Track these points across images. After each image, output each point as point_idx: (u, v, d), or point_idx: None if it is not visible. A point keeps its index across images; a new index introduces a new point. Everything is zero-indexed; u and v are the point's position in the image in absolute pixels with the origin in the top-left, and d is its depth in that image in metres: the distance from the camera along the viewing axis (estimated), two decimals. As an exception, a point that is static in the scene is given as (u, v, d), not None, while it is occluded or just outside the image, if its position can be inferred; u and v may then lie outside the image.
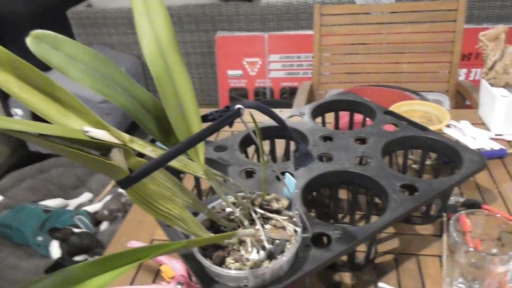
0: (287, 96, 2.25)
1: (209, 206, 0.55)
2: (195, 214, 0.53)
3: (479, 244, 0.59)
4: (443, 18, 1.42)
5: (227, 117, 0.40)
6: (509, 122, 0.92)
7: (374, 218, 0.64)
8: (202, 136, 0.38)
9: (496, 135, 0.93)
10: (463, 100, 1.41)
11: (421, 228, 0.70)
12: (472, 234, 0.59)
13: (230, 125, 0.43)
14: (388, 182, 0.63)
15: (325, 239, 0.55)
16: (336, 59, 1.54)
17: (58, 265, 1.19)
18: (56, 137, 0.34)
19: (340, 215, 0.74)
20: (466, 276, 0.55)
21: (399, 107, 1.09)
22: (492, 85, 0.95)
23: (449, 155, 0.71)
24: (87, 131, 0.37)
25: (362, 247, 0.63)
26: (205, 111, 0.48)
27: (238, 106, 0.41)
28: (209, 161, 0.71)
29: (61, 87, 0.37)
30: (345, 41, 1.52)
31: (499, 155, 0.86)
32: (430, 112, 1.04)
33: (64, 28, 2.38)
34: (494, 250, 0.58)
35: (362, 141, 0.76)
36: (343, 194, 0.77)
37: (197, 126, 0.42)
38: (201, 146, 0.42)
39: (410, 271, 0.62)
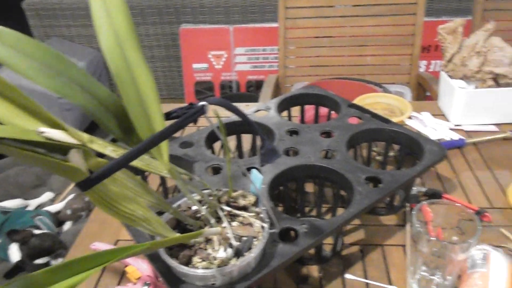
0: (254, 89, 2.24)
1: (175, 205, 0.54)
2: (161, 213, 0.52)
3: (441, 233, 0.61)
4: (404, 12, 1.45)
5: (191, 115, 0.39)
6: (468, 113, 0.95)
7: (340, 211, 0.65)
8: (164, 135, 0.37)
9: (455, 125, 0.96)
10: (424, 92, 1.45)
11: (385, 219, 0.71)
12: (433, 223, 0.61)
13: (195, 122, 0.42)
14: (353, 175, 0.64)
15: (292, 233, 0.55)
16: (301, 52, 1.55)
17: (18, 268, 1.14)
18: (8, 139, 0.32)
19: (307, 209, 0.74)
20: (428, 264, 0.57)
21: (363, 100, 1.11)
22: (451, 77, 0.99)
23: (411, 146, 0.73)
24: (42, 132, 0.35)
25: (328, 240, 0.64)
26: (170, 106, 0.46)
27: (201, 103, 0.40)
28: (174, 158, 0.69)
29: (11, 84, 0.35)
30: (310, 34, 1.53)
31: (458, 145, 0.89)
32: (393, 104, 1.07)
33: (19, 20, 2.27)
34: (455, 238, 0.60)
35: (327, 134, 0.76)
36: (310, 187, 0.77)
37: (160, 124, 0.40)
38: (164, 145, 0.41)
39: (376, 261, 0.64)
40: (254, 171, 0.56)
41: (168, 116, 0.44)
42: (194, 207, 0.53)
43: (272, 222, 0.54)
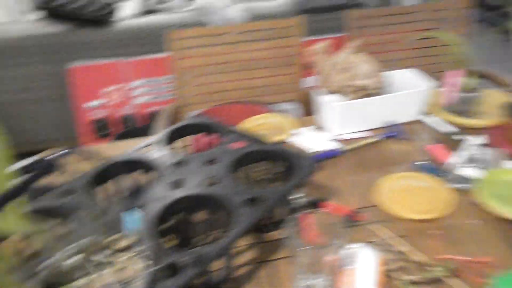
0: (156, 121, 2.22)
1: (57, 257, 0.52)
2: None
3: (319, 238, 0.66)
4: (284, 34, 1.56)
5: (33, 176, 0.39)
6: (343, 124, 1.04)
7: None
8: (6, 199, 0.36)
9: (334, 135, 1.05)
10: (313, 106, 1.56)
11: (272, 234, 0.75)
12: (313, 231, 0.66)
13: (48, 175, 0.42)
14: (235, 198, 0.67)
15: (177, 266, 0.56)
16: (196, 80, 1.58)
17: None
18: None
19: (198, 238, 0.76)
20: (311, 270, 0.62)
21: (254, 121, 1.17)
22: (325, 92, 1.08)
23: (288, 162, 0.78)
24: None
25: (219, 264, 0.66)
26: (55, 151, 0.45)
27: (49, 157, 0.41)
28: (48, 211, 0.67)
29: None
30: (203, 62, 1.57)
31: (337, 154, 0.98)
32: (281, 122, 1.14)
33: None
34: (330, 242, 0.65)
35: (213, 161, 0.79)
36: (200, 216, 0.79)
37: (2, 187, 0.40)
38: (12, 208, 0.40)
39: (267, 277, 0.67)
40: (132, 211, 0.56)
41: (23, 170, 0.44)
42: (71, 259, 0.52)
43: (156, 259, 0.54)
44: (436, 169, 0.89)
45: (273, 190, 0.69)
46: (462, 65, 1.07)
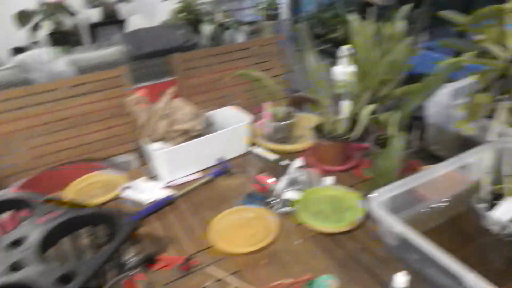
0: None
1: None
2: None
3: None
4: (111, 85, 1.52)
5: None
6: (173, 169, 1.04)
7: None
8: None
9: (167, 182, 1.04)
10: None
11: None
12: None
13: None
14: (44, 280, 0.60)
15: None
16: (15, 147, 1.42)
17: None
18: None
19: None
20: None
21: (83, 181, 1.09)
22: (149, 141, 1.07)
23: (108, 225, 0.74)
24: None
25: None
26: None
27: None
28: None
29: None
30: (27, 125, 1.42)
31: (169, 202, 0.96)
32: (112, 178, 1.08)
33: None
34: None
35: (19, 242, 0.70)
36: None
37: None
38: None
39: None
40: None
41: None
42: None
43: None
44: (263, 198, 0.94)
45: (89, 260, 0.64)
46: (274, 97, 1.17)
